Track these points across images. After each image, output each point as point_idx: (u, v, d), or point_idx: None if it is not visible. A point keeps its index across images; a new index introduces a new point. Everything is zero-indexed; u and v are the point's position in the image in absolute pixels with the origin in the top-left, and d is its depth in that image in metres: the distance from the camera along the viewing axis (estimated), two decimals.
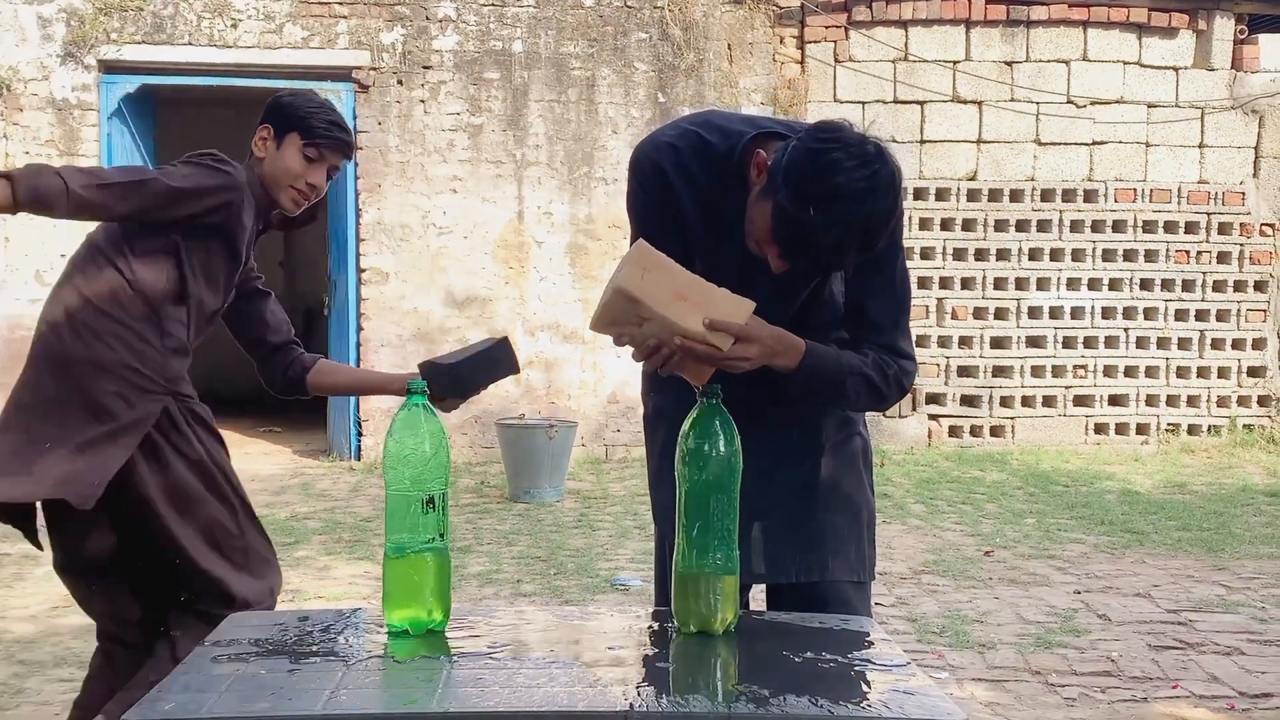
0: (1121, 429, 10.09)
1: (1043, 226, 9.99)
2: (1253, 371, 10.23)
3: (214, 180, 3.09)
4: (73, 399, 3.04)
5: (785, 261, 2.35)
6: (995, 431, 9.97)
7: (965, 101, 9.92)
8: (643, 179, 2.56)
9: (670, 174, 2.52)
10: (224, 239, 3.17)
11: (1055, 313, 10.03)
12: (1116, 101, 10.04)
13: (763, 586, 2.73)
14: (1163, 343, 10.12)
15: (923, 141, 9.90)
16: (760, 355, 2.35)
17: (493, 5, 9.54)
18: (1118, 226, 10.07)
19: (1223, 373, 10.18)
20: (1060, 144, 10.01)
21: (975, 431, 9.96)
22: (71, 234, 3.07)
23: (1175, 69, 10.09)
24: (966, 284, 9.94)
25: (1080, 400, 10.07)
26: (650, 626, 2.30)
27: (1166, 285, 10.12)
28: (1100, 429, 10.07)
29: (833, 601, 2.59)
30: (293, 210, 3.27)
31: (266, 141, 3.26)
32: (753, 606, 2.74)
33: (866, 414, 2.83)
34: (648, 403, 2.85)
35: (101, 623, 3.33)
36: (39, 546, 3.24)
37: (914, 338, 9.45)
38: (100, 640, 3.35)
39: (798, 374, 2.42)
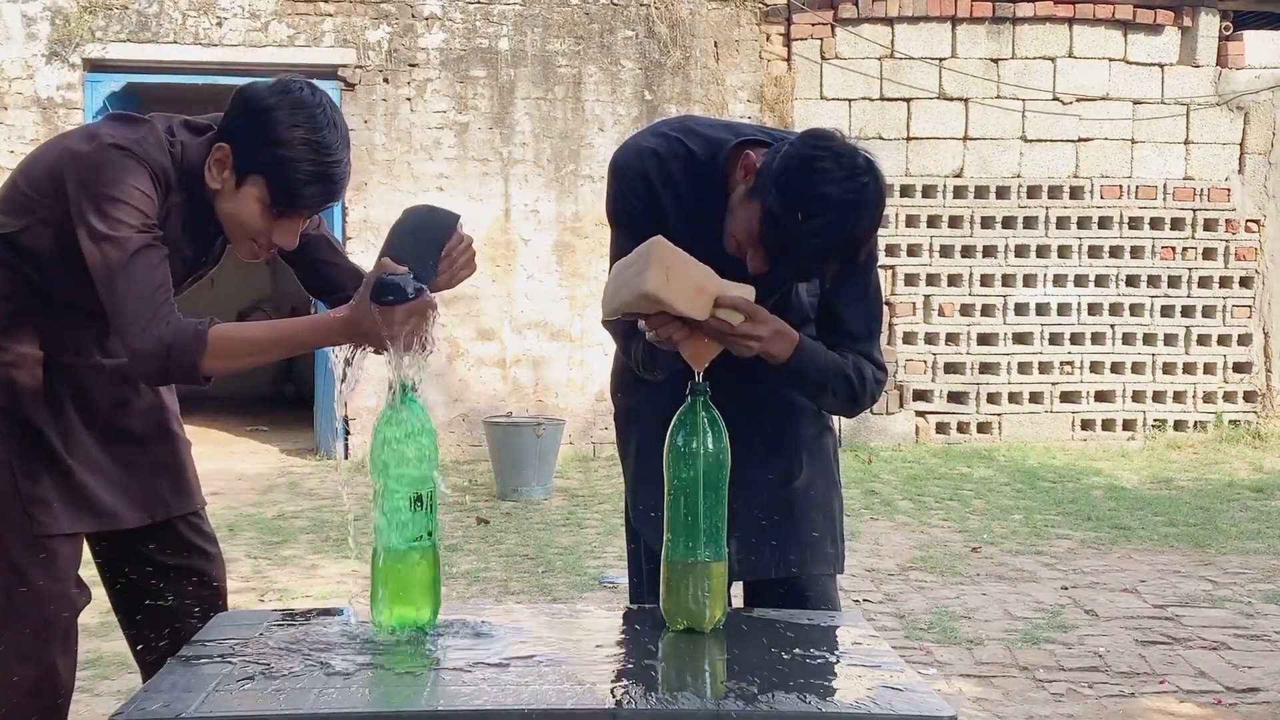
0: (1108, 425, 10.11)
1: (1029, 223, 10.00)
2: (1239, 367, 10.26)
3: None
4: None
5: (766, 264, 2.35)
6: (982, 428, 9.98)
7: (951, 98, 9.93)
8: (626, 184, 2.56)
9: (654, 179, 2.53)
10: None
11: (1042, 309, 10.04)
12: (1102, 98, 10.06)
13: (739, 586, 2.75)
14: (1149, 339, 10.15)
15: (909, 138, 9.91)
16: (769, 337, 2.35)
17: (479, 3, 9.52)
18: (1104, 223, 10.09)
19: (1209, 368, 10.21)
20: (1046, 141, 10.03)
21: (962, 428, 9.97)
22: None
23: (1161, 65, 10.11)
24: (953, 281, 9.95)
25: (1067, 396, 10.09)
26: (638, 624, 2.30)
27: (1153, 281, 10.14)
28: (1087, 425, 10.09)
29: (813, 595, 2.62)
30: (249, 259, 2.61)
31: (224, 169, 2.47)
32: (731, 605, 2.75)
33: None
34: (617, 402, 2.86)
35: None
36: None
37: (900, 336, 9.34)
38: None
39: (788, 365, 2.43)
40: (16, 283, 2.54)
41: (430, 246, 2.37)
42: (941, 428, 9.96)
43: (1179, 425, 10.15)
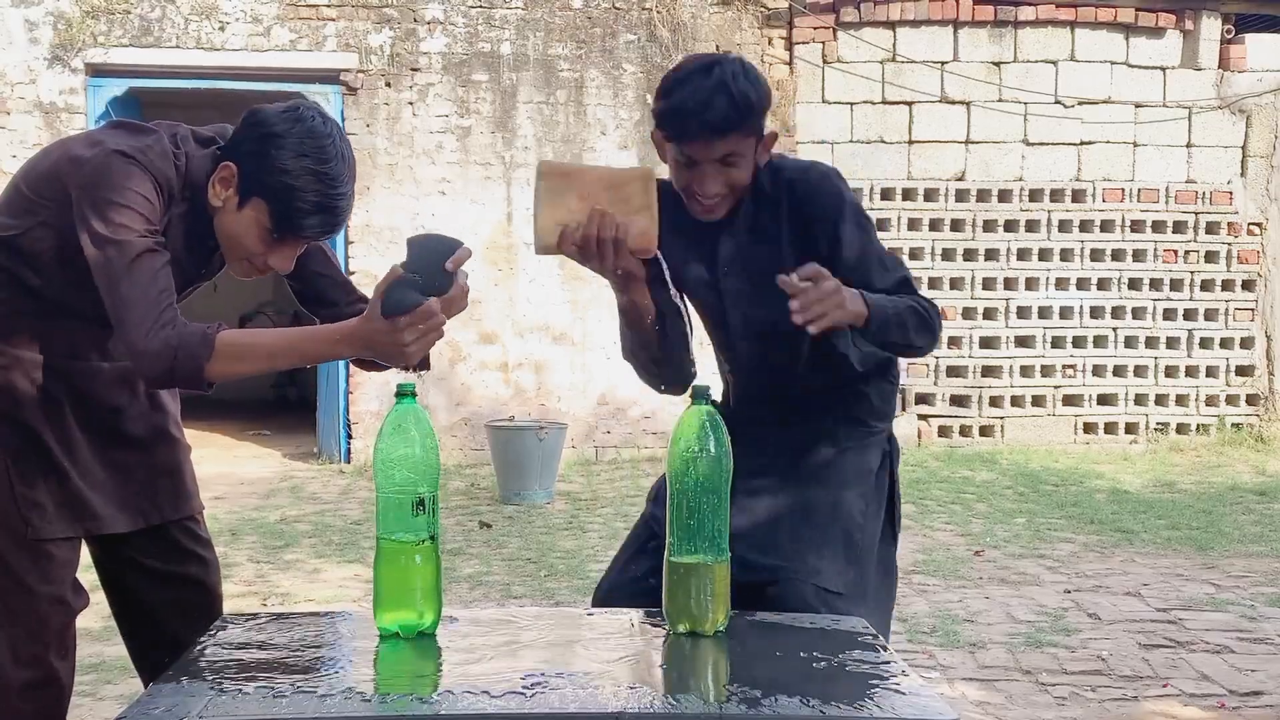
0: (1110, 428, 10.10)
1: (1031, 226, 10.00)
2: (1241, 370, 10.25)
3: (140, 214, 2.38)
4: None
5: (674, 144, 2.59)
6: (985, 431, 9.98)
7: (953, 102, 9.93)
8: None
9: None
10: None
11: (1044, 312, 10.04)
12: (1104, 101, 10.06)
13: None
14: (1151, 342, 10.14)
15: (911, 142, 9.90)
16: (836, 291, 2.41)
17: (480, 7, 9.53)
18: (1106, 226, 10.09)
19: (1211, 372, 10.20)
20: (1048, 144, 10.03)
21: (965, 431, 9.96)
22: None
23: (1162, 69, 10.11)
24: (955, 284, 9.95)
25: (1069, 400, 10.08)
26: (641, 627, 2.30)
27: (1155, 284, 10.14)
28: (1089, 428, 10.08)
29: (795, 602, 2.58)
30: (242, 276, 2.62)
31: (229, 187, 2.46)
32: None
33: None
34: None
35: None
36: None
37: None
38: None
39: (873, 318, 2.48)
40: (14, 286, 2.53)
41: (437, 259, 2.37)
42: (944, 431, 9.96)
43: (1181, 428, 10.14)
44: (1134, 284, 10.12)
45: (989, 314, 9.99)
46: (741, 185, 2.64)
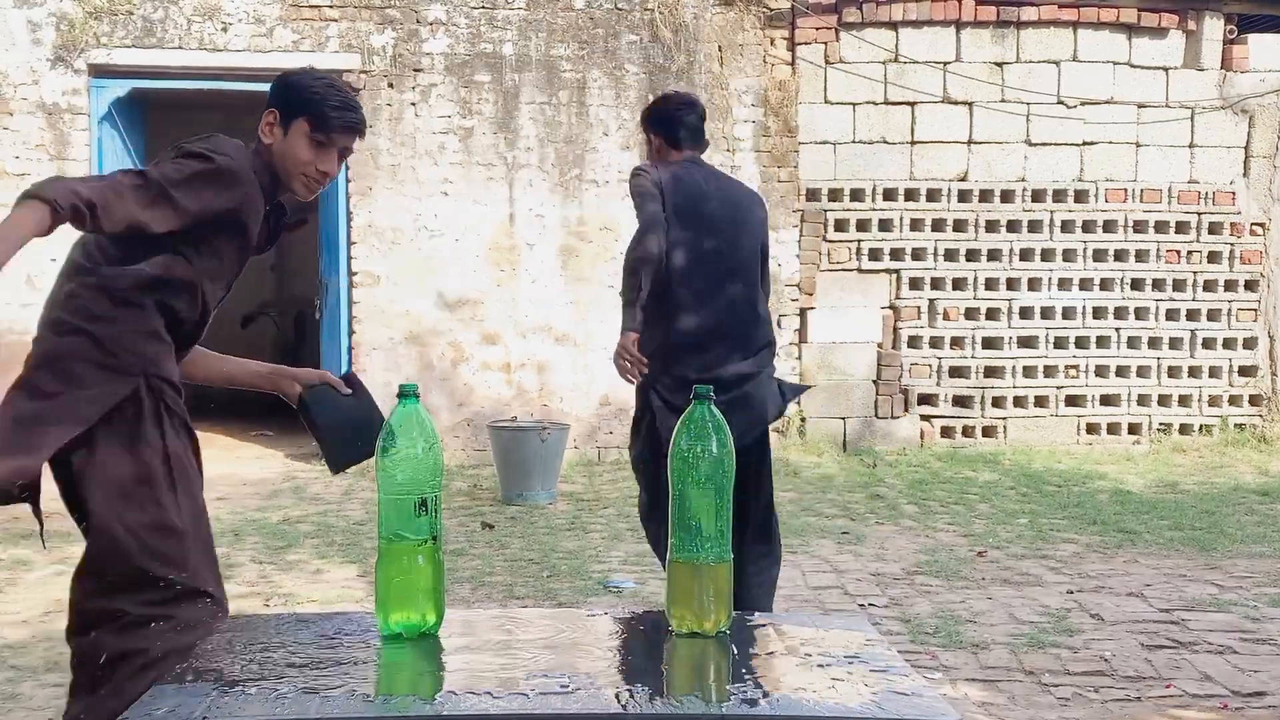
0: (1113, 429, 10.10)
1: (1034, 227, 10.00)
2: (1244, 371, 10.24)
3: (221, 190, 3.00)
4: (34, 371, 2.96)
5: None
6: (987, 432, 9.98)
7: (956, 102, 9.93)
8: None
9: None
10: (234, 228, 3.07)
11: (1047, 313, 10.04)
12: (1107, 102, 10.06)
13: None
14: (1154, 342, 10.14)
15: (913, 142, 9.90)
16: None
17: (483, 8, 9.53)
18: (1108, 227, 10.08)
19: (1214, 372, 10.20)
20: (1051, 144, 10.03)
21: (967, 432, 9.96)
22: (65, 238, 2.98)
23: (1165, 69, 10.11)
24: (958, 285, 9.95)
25: (1072, 400, 10.08)
26: (643, 628, 2.30)
27: (1157, 285, 10.14)
28: (1092, 429, 10.08)
29: None
30: (307, 197, 3.19)
31: (273, 127, 3.14)
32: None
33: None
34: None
35: None
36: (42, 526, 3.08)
37: (905, 340, 9.55)
38: None
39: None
40: (168, 317, 3.05)
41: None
42: (946, 432, 9.96)
43: (1184, 429, 10.14)
44: (1136, 284, 10.12)
45: (992, 314, 9.99)
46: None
